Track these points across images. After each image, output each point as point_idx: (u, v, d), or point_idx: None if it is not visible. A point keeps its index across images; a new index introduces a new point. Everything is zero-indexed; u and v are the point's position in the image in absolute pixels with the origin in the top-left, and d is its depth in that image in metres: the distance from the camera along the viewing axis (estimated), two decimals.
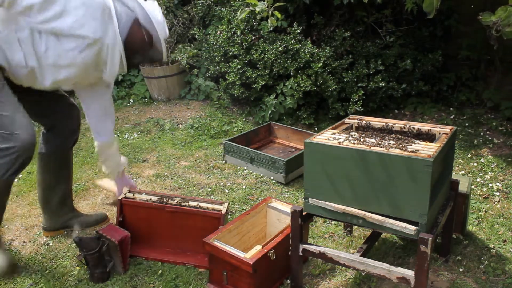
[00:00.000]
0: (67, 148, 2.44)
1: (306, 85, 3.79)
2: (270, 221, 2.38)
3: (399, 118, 4.25)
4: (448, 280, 2.11)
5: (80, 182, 3.17)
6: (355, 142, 1.81)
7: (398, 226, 1.69)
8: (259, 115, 4.14)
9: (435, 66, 4.31)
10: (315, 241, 2.44)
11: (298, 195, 2.95)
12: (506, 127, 3.91)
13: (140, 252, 2.34)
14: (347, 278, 2.14)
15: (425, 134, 2.00)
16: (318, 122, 4.16)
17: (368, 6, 4.13)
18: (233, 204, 2.84)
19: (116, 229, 2.20)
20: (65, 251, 2.40)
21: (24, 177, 3.28)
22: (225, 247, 1.98)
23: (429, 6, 1.72)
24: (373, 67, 3.98)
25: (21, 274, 2.23)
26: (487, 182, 3.02)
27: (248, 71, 4.00)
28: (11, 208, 2.85)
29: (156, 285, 2.13)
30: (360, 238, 2.44)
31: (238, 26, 4.07)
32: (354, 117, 2.19)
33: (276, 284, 2.10)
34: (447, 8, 4.33)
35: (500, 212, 2.67)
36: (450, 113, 4.28)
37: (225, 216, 2.24)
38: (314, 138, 1.87)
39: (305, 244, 1.93)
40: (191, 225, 2.30)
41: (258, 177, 3.20)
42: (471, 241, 2.39)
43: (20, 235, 2.57)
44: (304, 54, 3.80)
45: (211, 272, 2.10)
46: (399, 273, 1.72)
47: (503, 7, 1.55)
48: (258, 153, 3.22)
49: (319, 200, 1.86)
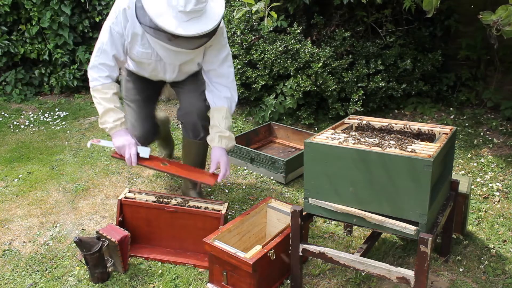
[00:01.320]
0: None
1: (306, 85, 3.79)
2: (270, 221, 2.38)
3: (399, 118, 4.25)
4: (448, 280, 2.11)
5: (80, 182, 3.17)
6: (355, 142, 1.81)
7: (398, 226, 1.69)
8: (259, 115, 4.14)
9: (435, 66, 4.31)
10: (315, 241, 2.44)
11: (298, 195, 2.95)
12: (506, 127, 3.91)
13: (140, 252, 2.34)
14: (347, 278, 2.14)
15: (425, 134, 2.00)
16: (318, 122, 4.16)
17: (368, 6, 4.13)
18: (233, 204, 2.84)
19: (116, 229, 2.20)
20: (65, 251, 2.40)
21: (24, 177, 3.28)
22: (225, 247, 1.98)
23: (428, 5, 1.71)
24: (373, 67, 3.98)
25: (21, 274, 2.24)
26: (487, 182, 3.02)
27: (248, 71, 4.00)
28: (11, 208, 2.85)
29: (156, 285, 2.13)
30: (360, 238, 2.44)
31: (238, 26, 4.07)
32: (354, 117, 2.19)
33: (276, 284, 2.10)
34: (447, 8, 4.33)
35: (500, 212, 2.67)
36: (450, 113, 4.28)
37: (225, 216, 2.24)
38: (314, 138, 1.87)
39: (305, 244, 1.93)
40: (191, 225, 2.30)
41: (258, 177, 3.20)
42: (471, 241, 2.39)
43: (20, 235, 2.57)
44: (304, 54, 3.80)
45: (211, 272, 2.10)
46: (399, 273, 1.72)
47: (504, 6, 1.55)
48: (258, 153, 3.22)
49: (319, 200, 1.86)
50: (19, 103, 5.16)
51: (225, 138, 2.43)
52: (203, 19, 2.13)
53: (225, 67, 2.46)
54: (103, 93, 2.32)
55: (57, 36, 5.15)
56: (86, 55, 5.23)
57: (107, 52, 2.30)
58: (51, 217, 2.74)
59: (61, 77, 5.27)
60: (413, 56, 4.24)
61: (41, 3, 5.00)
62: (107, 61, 2.31)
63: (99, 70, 2.32)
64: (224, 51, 2.45)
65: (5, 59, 5.16)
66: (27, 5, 4.95)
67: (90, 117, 4.64)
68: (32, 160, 3.58)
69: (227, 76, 2.48)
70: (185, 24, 2.09)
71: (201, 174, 2.42)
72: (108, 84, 2.33)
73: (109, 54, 2.31)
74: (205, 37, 2.21)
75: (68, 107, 5.03)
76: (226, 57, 2.46)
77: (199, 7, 2.08)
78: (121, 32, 2.28)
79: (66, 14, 5.03)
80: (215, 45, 2.41)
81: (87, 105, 5.06)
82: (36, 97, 5.33)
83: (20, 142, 4.01)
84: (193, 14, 2.10)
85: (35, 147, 3.88)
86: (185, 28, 2.09)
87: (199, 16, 2.12)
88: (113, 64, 2.34)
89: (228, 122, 2.43)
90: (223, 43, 2.44)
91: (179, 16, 2.08)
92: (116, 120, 2.32)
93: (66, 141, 4.00)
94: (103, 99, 2.32)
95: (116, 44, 2.30)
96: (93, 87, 2.35)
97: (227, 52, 2.47)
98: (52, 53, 5.19)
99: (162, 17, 2.08)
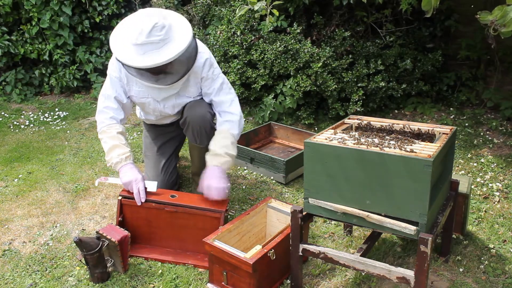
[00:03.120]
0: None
1: (306, 85, 3.79)
2: (270, 221, 2.38)
3: (399, 118, 4.25)
4: (448, 280, 2.11)
5: (80, 182, 3.17)
6: (355, 142, 1.81)
7: (398, 226, 1.69)
8: (259, 115, 4.14)
9: (435, 66, 4.31)
10: (315, 241, 2.44)
11: (298, 195, 2.95)
12: (506, 127, 3.91)
13: (140, 252, 2.34)
14: (347, 278, 2.14)
15: (425, 134, 2.00)
16: (318, 122, 4.16)
17: (368, 6, 4.13)
18: (233, 204, 2.84)
19: (116, 229, 2.19)
20: (65, 251, 2.40)
21: (24, 177, 3.28)
22: (225, 247, 1.98)
23: (427, 5, 1.71)
24: (373, 67, 3.98)
25: (21, 274, 2.24)
26: (487, 182, 3.02)
27: (248, 71, 4.00)
28: (11, 208, 2.85)
29: (156, 285, 2.13)
30: (360, 238, 2.44)
31: (238, 26, 4.07)
32: (354, 117, 2.19)
33: (276, 284, 2.10)
34: (446, 8, 4.33)
35: (500, 212, 2.67)
36: (450, 113, 4.28)
37: (225, 216, 2.24)
38: (314, 138, 1.87)
39: (305, 244, 1.93)
40: (191, 225, 2.30)
41: (258, 177, 3.20)
42: (471, 241, 2.39)
43: (20, 235, 2.57)
44: (304, 54, 3.80)
45: (211, 272, 2.10)
46: (399, 273, 1.72)
47: (500, 7, 1.54)
48: (258, 153, 3.22)
49: (319, 200, 1.86)
50: (19, 103, 5.16)
51: (217, 157, 2.38)
52: (163, 51, 2.16)
53: (221, 95, 2.51)
54: (108, 133, 2.41)
55: (57, 36, 5.16)
56: (86, 55, 5.24)
57: (109, 95, 2.45)
58: (51, 217, 2.74)
59: (61, 77, 5.27)
60: (413, 56, 4.24)
61: (41, 3, 5.00)
62: (110, 104, 2.45)
63: (104, 113, 2.46)
64: (217, 81, 2.50)
65: (5, 59, 5.16)
66: (26, 6, 4.96)
67: (90, 117, 4.65)
68: (32, 160, 3.59)
69: (225, 102, 2.52)
70: (141, 56, 2.15)
71: (210, 202, 2.33)
72: (112, 124, 2.44)
73: (111, 97, 2.45)
74: (175, 72, 2.27)
75: (68, 107, 5.03)
76: (221, 86, 2.51)
77: (152, 39, 2.12)
78: (118, 76, 2.43)
79: (66, 14, 5.03)
80: (206, 78, 2.47)
81: (87, 105, 5.07)
82: (36, 97, 5.33)
83: (20, 142, 4.01)
84: (149, 46, 2.14)
85: (35, 147, 3.88)
86: (140, 60, 2.15)
87: (159, 49, 2.15)
88: (116, 106, 2.46)
89: (225, 141, 2.41)
90: (215, 73, 2.49)
91: (135, 49, 2.15)
92: (121, 155, 2.36)
93: (66, 141, 4.00)
94: (108, 138, 2.40)
95: (116, 87, 2.45)
96: (99, 130, 2.45)
97: (221, 81, 2.51)
98: (52, 53, 5.19)
99: (122, 51, 2.18)
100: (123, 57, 2.18)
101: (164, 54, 2.15)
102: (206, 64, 2.44)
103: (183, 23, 2.29)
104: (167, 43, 2.18)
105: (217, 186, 2.28)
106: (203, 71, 2.44)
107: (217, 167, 2.36)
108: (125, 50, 2.19)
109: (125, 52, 2.19)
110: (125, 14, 5.35)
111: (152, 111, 2.62)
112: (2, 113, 4.79)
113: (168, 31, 2.17)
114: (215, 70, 2.50)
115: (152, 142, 2.84)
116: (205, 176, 2.34)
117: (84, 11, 5.23)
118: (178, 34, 2.22)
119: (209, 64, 2.45)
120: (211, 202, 2.29)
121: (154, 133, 2.83)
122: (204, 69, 2.44)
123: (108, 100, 2.45)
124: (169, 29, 2.18)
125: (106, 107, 2.45)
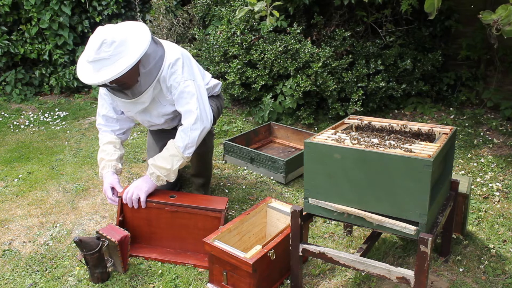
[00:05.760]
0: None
1: (306, 85, 3.79)
2: (270, 221, 2.38)
3: (399, 118, 4.25)
4: (448, 280, 2.11)
5: (80, 182, 3.17)
6: (355, 142, 1.81)
7: (398, 226, 1.69)
8: (259, 115, 4.14)
9: (435, 66, 4.31)
10: (315, 241, 2.44)
11: (298, 195, 2.95)
12: (506, 127, 3.91)
13: (140, 252, 2.34)
14: (347, 278, 2.14)
15: (425, 134, 2.00)
16: (318, 122, 4.16)
17: (368, 6, 4.13)
18: (233, 204, 2.84)
19: (116, 229, 2.19)
20: (65, 251, 2.40)
21: (24, 177, 3.28)
22: (225, 247, 1.98)
23: (430, 7, 1.72)
24: (373, 67, 3.98)
25: (21, 274, 2.24)
26: (487, 182, 3.02)
27: (248, 71, 4.00)
28: (11, 208, 2.85)
29: (156, 285, 2.13)
30: (360, 238, 2.44)
31: (238, 26, 4.07)
32: (354, 117, 2.19)
33: (276, 284, 2.10)
34: (447, 8, 4.33)
35: (500, 212, 2.67)
36: (450, 113, 4.28)
37: (225, 216, 2.24)
38: (314, 138, 1.87)
39: (305, 244, 1.93)
40: (191, 225, 2.30)
41: (258, 177, 3.20)
42: (471, 241, 2.39)
43: (20, 235, 2.57)
44: (304, 54, 3.80)
45: (211, 272, 2.10)
46: (399, 273, 1.72)
47: (504, 6, 1.55)
48: (258, 153, 3.22)
49: (319, 200, 1.86)
50: (19, 103, 5.16)
51: (151, 167, 2.38)
52: (114, 66, 2.15)
53: (179, 105, 2.40)
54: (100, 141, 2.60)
55: (57, 36, 5.16)
56: None
57: (99, 113, 2.59)
58: (51, 217, 2.74)
59: (61, 77, 5.27)
60: (413, 56, 4.24)
61: (41, 3, 5.00)
62: (100, 121, 2.60)
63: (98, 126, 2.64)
64: (178, 89, 2.37)
65: (5, 59, 5.16)
66: (26, 6, 4.95)
67: (90, 117, 4.64)
68: (32, 160, 3.59)
69: (182, 112, 2.41)
70: (96, 73, 2.18)
71: (209, 201, 2.35)
72: (102, 135, 2.60)
73: (100, 114, 2.58)
74: (139, 84, 2.29)
75: (68, 107, 5.03)
76: (180, 94, 2.37)
77: (102, 55, 2.13)
78: (105, 92, 2.53)
79: (66, 14, 5.03)
80: (172, 85, 2.38)
81: (87, 105, 5.07)
82: (36, 97, 5.33)
83: (20, 142, 4.01)
84: (103, 62, 2.15)
85: (35, 147, 3.88)
86: (94, 77, 2.18)
87: (111, 64, 2.15)
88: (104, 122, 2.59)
89: (164, 152, 2.36)
90: (176, 81, 2.35)
91: (92, 66, 2.18)
92: (101, 165, 2.51)
93: (66, 141, 4.00)
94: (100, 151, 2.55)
95: (104, 104, 2.57)
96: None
97: (181, 90, 2.37)
98: (52, 53, 5.19)
99: (80, 70, 2.25)
100: (80, 75, 2.22)
101: (115, 69, 2.14)
102: (169, 71, 2.35)
103: (141, 35, 2.25)
104: (121, 58, 2.15)
105: (134, 189, 2.34)
106: (168, 79, 2.37)
107: (147, 176, 2.39)
108: (83, 69, 2.22)
109: (83, 70, 2.22)
110: (125, 14, 5.36)
111: (142, 122, 2.65)
112: (2, 113, 4.79)
113: (119, 46, 2.14)
114: (178, 77, 2.36)
115: (154, 142, 2.86)
116: (136, 181, 2.39)
117: (84, 11, 5.23)
118: (132, 47, 2.19)
119: (171, 71, 2.35)
120: (211, 202, 2.30)
121: (156, 135, 2.85)
122: (167, 75, 2.36)
123: (99, 117, 2.60)
124: (120, 44, 2.14)
125: (98, 124, 2.61)
